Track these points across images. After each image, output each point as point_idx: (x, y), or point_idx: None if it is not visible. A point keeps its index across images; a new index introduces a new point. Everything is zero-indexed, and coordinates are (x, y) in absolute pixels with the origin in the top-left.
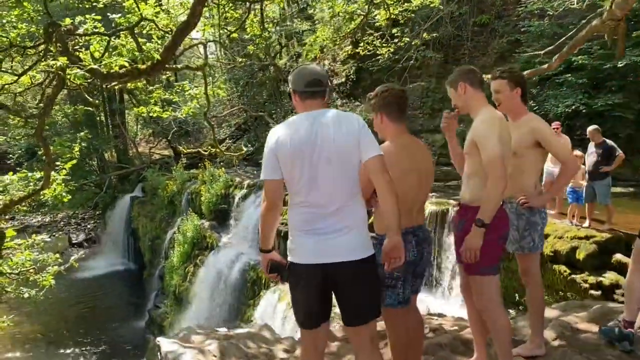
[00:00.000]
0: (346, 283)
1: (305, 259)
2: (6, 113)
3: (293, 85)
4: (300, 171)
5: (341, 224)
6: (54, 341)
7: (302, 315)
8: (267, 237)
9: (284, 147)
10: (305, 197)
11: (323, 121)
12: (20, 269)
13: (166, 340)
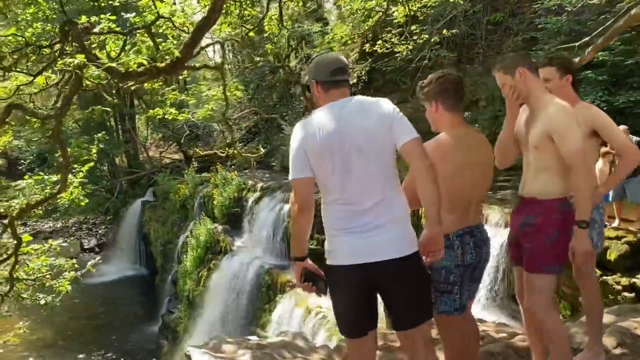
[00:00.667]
0: (391, 283)
1: (344, 260)
2: (23, 115)
3: (314, 75)
4: (332, 166)
5: (381, 220)
6: (67, 347)
7: (347, 324)
8: (301, 242)
9: (312, 142)
10: (340, 194)
11: (350, 109)
12: (37, 275)
13: (197, 351)
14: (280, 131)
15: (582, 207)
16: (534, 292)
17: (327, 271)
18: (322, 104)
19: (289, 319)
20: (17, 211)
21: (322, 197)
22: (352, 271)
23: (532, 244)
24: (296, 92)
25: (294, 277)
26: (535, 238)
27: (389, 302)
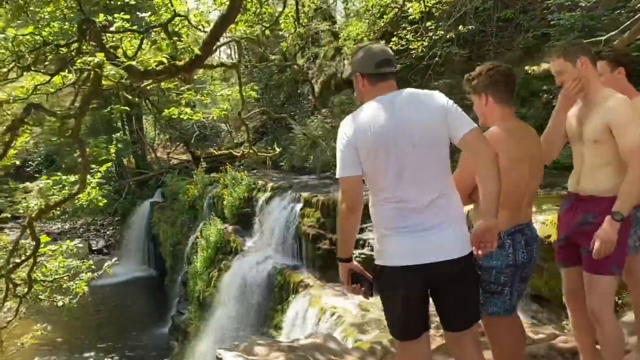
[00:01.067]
0: (448, 284)
1: (400, 260)
2: (42, 115)
3: (359, 68)
4: (385, 163)
5: (438, 219)
6: (76, 348)
7: (401, 326)
8: (348, 244)
9: (363, 138)
10: (394, 192)
11: (402, 102)
12: (54, 276)
13: (229, 353)
14: (289, 131)
15: (626, 201)
16: (597, 293)
17: (377, 272)
18: (368, 98)
19: (303, 320)
20: (37, 212)
21: (372, 196)
22: (407, 272)
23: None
24: (304, 91)
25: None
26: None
27: (442, 303)
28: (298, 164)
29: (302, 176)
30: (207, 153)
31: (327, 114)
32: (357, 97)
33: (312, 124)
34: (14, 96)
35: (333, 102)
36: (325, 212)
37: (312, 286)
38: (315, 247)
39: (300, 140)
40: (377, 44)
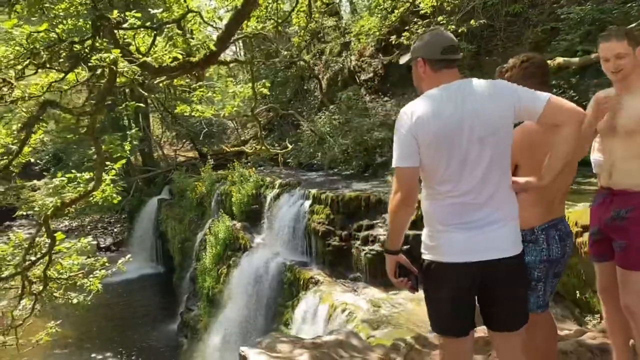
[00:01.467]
0: (502, 283)
1: (455, 257)
2: (59, 111)
3: (424, 52)
4: (447, 155)
5: (497, 215)
6: (86, 345)
7: (449, 322)
8: (398, 236)
9: (426, 128)
10: (455, 186)
11: (469, 93)
12: (69, 274)
13: (252, 351)
14: (296, 128)
15: None
16: (631, 289)
17: (425, 268)
18: (428, 85)
19: (314, 316)
20: (52, 209)
21: (427, 189)
22: (462, 269)
23: (629, 239)
24: (310, 88)
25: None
26: (633, 232)
27: (495, 301)
28: (305, 160)
29: (310, 173)
30: (214, 150)
31: (334, 110)
32: (415, 84)
33: (319, 120)
34: (29, 93)
35: (340, 97)
36: (335, 209)
37: (322, 282)
38: (325, 243)
39: (307, 136)
40: (442, 30)
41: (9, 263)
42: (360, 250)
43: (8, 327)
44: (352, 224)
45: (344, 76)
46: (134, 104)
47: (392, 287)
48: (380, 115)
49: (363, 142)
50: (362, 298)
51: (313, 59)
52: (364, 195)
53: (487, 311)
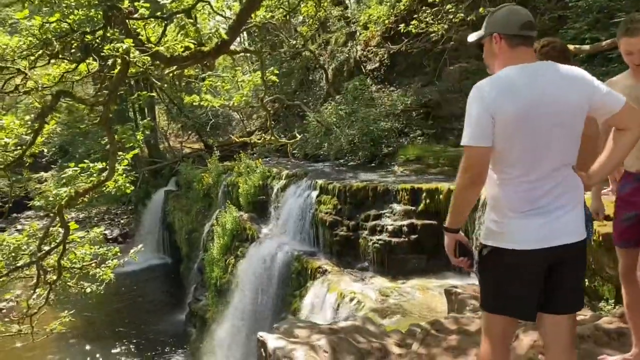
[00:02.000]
0: (568, 267)
1: (527, 244)
2: (71, 103)
3: (501, 27)
4: (523, 138)
5: (566, 199)
6: (95, 335)
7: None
8: (461, 215)
9: (506, 107)
10: (527, 170)
11: (549, 76)
12: (82, 263)
13: (270, 336)
14: (302, 118)
15: None
16: None
17: (489, 253)
18: (502, 63)
19: (322, 305)
20: (66, 199)
21: (496, 172)
22: (536, 255)
23: None
24: (316, 78)
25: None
26: None
27: (558, 285)
28: (312, 151)
29: (316, 164)
30: (220, 142)
31: (340, 101)
32: (486, 61)
33: (325, 111)
34: (42, 84)
35: (346, 88)
36: (342, 199)
37: (330, 272)
38: (333, 233)
39: (314, 127)
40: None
41: (24, 252)
42: (367, 240)
43: (23, 316)
44: (360, 214)
45: (350, 66)
46: (146, 93)
47: (400, 277)
48: (387, 105)
49: (369, 133)
50: (370, 287)
51: (318, 49)
52: (371, 185)
53: (549, 295)
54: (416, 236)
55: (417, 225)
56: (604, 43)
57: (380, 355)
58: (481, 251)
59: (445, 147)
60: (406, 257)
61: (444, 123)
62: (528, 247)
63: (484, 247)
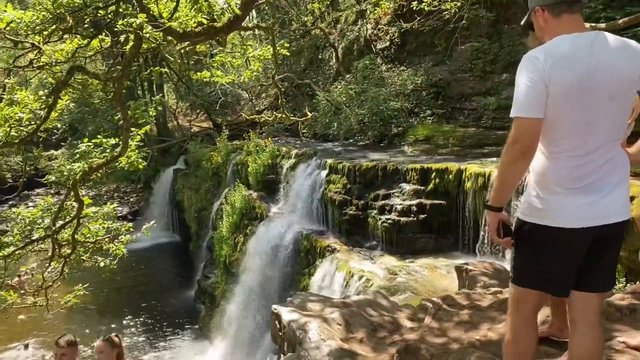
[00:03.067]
0: (609, 246)
1: (572, 222)
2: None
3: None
4: (576, 109)
5: (614, 177)
6: (105, 311)
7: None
8: (507, 191)
9: (560, 77)
10: (579, 144)
11: (604, 47)
12: (96, 238)
13: (285, 309)
14: (311, 98)
15: None
16: None
17: (529, 230)
18: (551, 34)
19: (331, 283)
20: (80, 174)
21: (544, 145)
22: (580, 234)
23: None
24: (325, 57)
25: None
26: None
27: (596, 263)
28: (321, 131)
29: (325, 143)
30: (228, 121)
31: (350, 80)
32: (539, 37)
33: (335, 90)
34: (55, 59)
35: (356, 67)
36: (351, 178)
37: (338, 251)
38: (342, 212)
39: (324, 106)
40: None
41: (39, 226)
42: (376, 219)
43: (38, 288)
44: (369, 194)
45: (360, 45)
46: (159, 69)
47: (408, 256)
48: (397, 84)
49: (379, 112)
50: (378, 266)
51: (328, 28)
52: (380, 164)
53: (585, 273)
54: (425, 216)
55: (426, 205)
56: (620, 21)
57: (392, 329)
58: (520, 227)
59: (455, 127)
60: (415, 237)
61: (454, 103)
62: (573, 225)
63: (524, 224)
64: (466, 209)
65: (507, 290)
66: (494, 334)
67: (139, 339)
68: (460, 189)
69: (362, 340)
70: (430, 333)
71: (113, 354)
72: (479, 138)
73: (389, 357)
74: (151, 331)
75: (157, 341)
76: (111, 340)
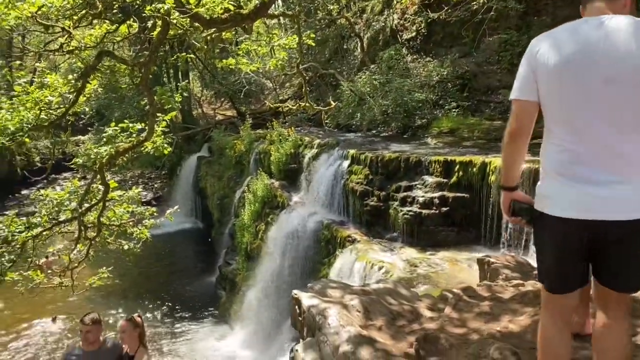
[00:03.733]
0: (619, 246)
1: (563, 211)
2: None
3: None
4: (565, 93)
5: (618, 173)
6: (128, 294)
7: (552, 277)
8: (509, 170)
9: (546, 60)
10: (575, 130)
11: (612, 26)
12: (121, 221)
13: (305, 294)
14: (335, 88)
15: None
16: None
17: (536, 217)
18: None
19: (350, 273)
20: (107, 158)
21: (545, 129)
22: (573, 226)
23: None
24: (350, 47)
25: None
26: None
27: (603, 262)
28: (344, 121)
29: (348, 134)
30: (252, 110)
31: (375, 70)
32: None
33: (359, 80)
34: (84, 43)
35: (381, 57)
36: (373, 169)
37: (359, 241)
38: (363, 203)
39: (347, 96)
40: None
41: (66, 208)
42: (398, 211)
43: (65, 269)
44: (391, 185)
45: (386, 35)
46: (185, 55)
47: (429, 248)
48: (422, 75)
49: (403, 103)
50: (398, 257)
51: (354, 17)
52: (403, 156)
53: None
54: (447, 208)
55: (449, 198)
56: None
57: (412, 318)
58: (533, 214)
59: (481, 120)
60: (436, 229)
61: (480, 95)
62: (560, 214)
63: (535, 211)
64: (490, 203)
65: (530, 283)
66: (515, 325)
67: (160, 322)
68: (484, 182)
69: (381, 328)
70: (450, 323)
71: (135, 334)
72: None
73: (408, 346)
74: (172, 315)
75: (178, 325)
76: (134, 320)
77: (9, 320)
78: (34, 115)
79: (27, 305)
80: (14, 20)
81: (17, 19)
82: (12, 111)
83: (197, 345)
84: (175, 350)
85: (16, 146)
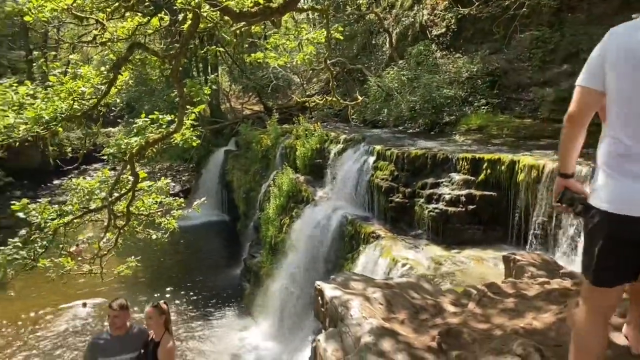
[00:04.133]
0: None
1: (610, 205)
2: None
3: None
4: (618, 83)
5: None
6: (154, 283)
7: (596, 270)
8: (566, 156)
9: (612, 49)
10: (620, 121)
11: None
12: (149, 211)
13: (328, 286)
14: (362, 83)
15: None
16: None
17: (587, 209)
18: None
19: (373, 269)
20: (137, 148)
21: (605, 123)
22: (621, 222)
23: None
24: (379, 42)
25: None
26: None
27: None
28: (370, 117)
29: (374, 129)
30: (279, 104)
31: (403, 66)
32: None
33: (387, 76)
34: (117, 36)
35: (410, 53)
36: (399, 166)
37: (383, 237)
38: (388, 199)
39: (374, 92)
40: None
41: (97, 197)
42: (423, 208)
43: (94, 257)
44: (417, 182)
45: (415, 31)
46: (215, 48)
47: (454, 246)
48: (451, 72)
49: (431, 100)
50: (423, 255)
51: (383, 13)
52: (430, 153)
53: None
54: (474, 207)
55: (476, 196)
56: None
57: (435, 312)
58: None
59: (510, 118)
60: (462, 227)
61: (510, 93)
62: (608, 208)
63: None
64: (517, 202)
65: (555, 281)
66: (539, 322)
67: (185, 310)
68: (513, 181)
69: (404, 321)
70: (473, 318)
71: (161, 320)
72: (535, 130)
73: (430, 339)
74: (196, 305)
75: (202, 314)
76: (160, 307)
77: (41, 305)
78: (67, 105)
79: (58, 292)
80: (49, 12)
81: (52, 11)
82: (46, 101)
83: (220, 334)
84: (199, 337)
85: (50, 136)
